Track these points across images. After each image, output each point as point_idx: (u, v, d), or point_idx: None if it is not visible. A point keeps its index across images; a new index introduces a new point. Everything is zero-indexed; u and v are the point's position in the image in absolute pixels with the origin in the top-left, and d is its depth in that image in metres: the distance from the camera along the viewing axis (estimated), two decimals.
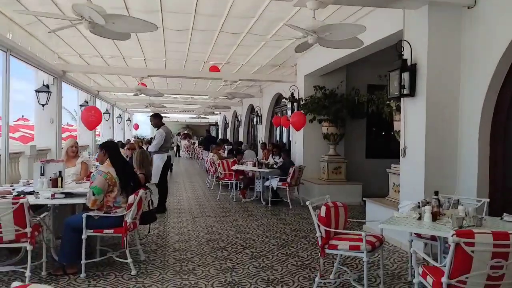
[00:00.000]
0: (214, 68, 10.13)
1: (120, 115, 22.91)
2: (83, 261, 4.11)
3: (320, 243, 3.70)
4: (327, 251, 3.72)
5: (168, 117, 26.40)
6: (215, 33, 7.64)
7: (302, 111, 9.16)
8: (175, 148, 26.06)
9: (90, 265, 4.36)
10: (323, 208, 3.68)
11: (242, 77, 11.00)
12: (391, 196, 6.38)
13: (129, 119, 25.38)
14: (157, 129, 7.90)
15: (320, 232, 3.66)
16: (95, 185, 4.08)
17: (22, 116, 13.51)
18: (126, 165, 4.43)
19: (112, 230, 4.17)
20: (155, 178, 7.59)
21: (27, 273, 3.78)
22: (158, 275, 4.25)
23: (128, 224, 4.13)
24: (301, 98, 9.58)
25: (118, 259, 4.42)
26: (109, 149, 4.40)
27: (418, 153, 5.08)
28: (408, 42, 5.15)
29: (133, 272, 4.24)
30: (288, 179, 8.35)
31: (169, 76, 11.74)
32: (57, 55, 9.80)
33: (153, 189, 8.73)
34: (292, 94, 9.74)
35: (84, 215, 4.04)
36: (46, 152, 9.36)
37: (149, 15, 6.13)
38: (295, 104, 9.58)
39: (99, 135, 18.73)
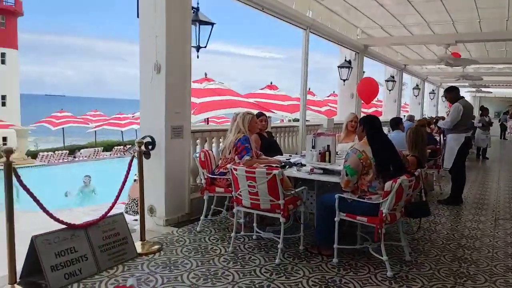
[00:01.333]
0: None
1: (433, 90, 21.34)
2: (335, 245, 3.75)
3: None
4: None
5: (491, 92, 22.40)
6: None
7: None
8: (498, 129, 21.93)
9: (349, 251, 3.96)
10: None
11: None
12: None
13: None
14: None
15: None
16: (348, 165, 3.59)
17: (333, 92, 14.63)
18: (387, 145, 3.66)
19: (365, 219, 3.58)
20: (447, 162, 6.32)
21: (280, 245, 3.74)
22: (420, 287, 3.35)
23: (384, 214, 3.42)
24: None
25: (373, 253, 3.79)
26: (367, 124, 3.75)
27: None
28: None
29: (389, 274, 3.51)
30: None
31: (484, 40, 9.53)
32: (360, 29, 9.79)
33: (446, 175, 7.44)
34: None
35: (336, 196, 3.63)
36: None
37: None
38: None
39: (407, 111, 18.05)
